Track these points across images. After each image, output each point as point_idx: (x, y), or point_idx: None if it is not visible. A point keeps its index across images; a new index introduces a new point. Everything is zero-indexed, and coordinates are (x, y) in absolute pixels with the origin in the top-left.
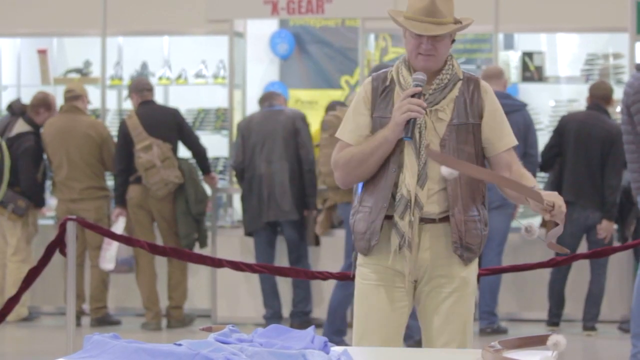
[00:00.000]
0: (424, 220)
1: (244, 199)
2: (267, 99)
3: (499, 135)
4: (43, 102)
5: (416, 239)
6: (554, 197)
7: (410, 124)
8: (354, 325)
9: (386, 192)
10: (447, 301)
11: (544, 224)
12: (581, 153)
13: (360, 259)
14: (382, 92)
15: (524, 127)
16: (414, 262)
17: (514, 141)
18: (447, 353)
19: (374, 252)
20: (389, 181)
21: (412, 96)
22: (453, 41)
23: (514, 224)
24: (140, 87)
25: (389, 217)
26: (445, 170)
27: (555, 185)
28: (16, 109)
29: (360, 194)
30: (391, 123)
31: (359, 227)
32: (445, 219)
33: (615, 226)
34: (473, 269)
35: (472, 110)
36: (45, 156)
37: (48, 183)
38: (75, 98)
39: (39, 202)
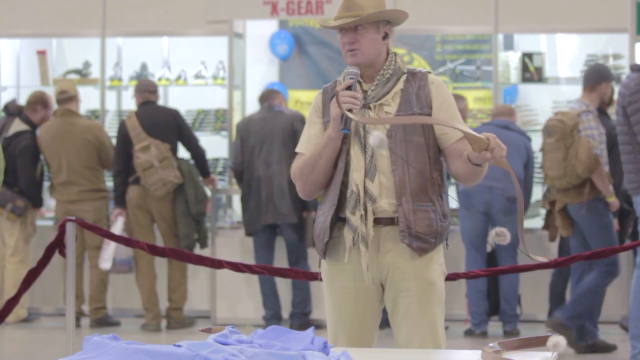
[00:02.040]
0: (382, 221)
1: (243, 200)
2: (266, 97)
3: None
4: (40, 100)
5: (372, 233)
6: (488, 134)
7: (345, 116)
8: (327, 329)
9: (335, 190)
10: (414, 305)
11: (546, 226)
12: None
13: (324, 263)
14: (331, 99)
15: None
16: (376, 265)
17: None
18: (448, 354)
19: (330, 253)
20: (337, 180)
21: (347, 89)
22: (386, 36)
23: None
24: (143, 88)
25: (344, 219)
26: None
27: None
28: (12, 109)
29: (320, 202)
30: (331, 120)
31: (316, 230)
32: None
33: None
34: (438, 269)
35: (419, 101)
36: (42, 157)
37: (46, 185)
38: (68, 100)
39: (37, 202)
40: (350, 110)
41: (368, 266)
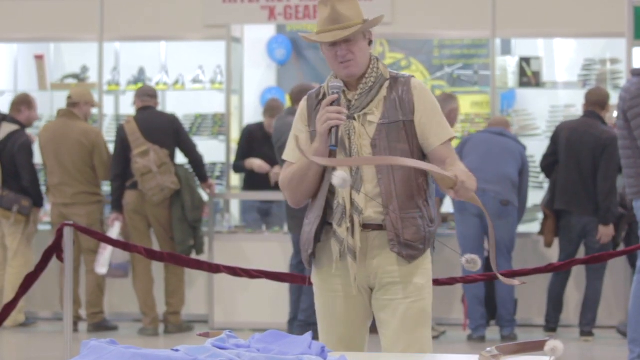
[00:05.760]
0: (369, 227)
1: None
2: (297, 99)
3: (433, 130)
4: (24, 100)
5: (359, 245)
6: (459, 172)
7: (332, 133)
8: (319, 334)
9: (321, 202)
10: (401, 308)
11: (542, 232)
12: (572, 161)
13: (314, 270)
14: (316, 106)
15: (520, 160)
16: (363, 269)
17: (448, 134)
18: (446, 359)
19: (318, 260)
20: (323, 191)
21: (331, 105)
22: (370, 42)
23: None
24: (142, 93)
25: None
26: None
27: (551, 193)
28: None
29: (307, 210)
30: (317, 135)
31: (302, 240)
32: None
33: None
34: (426, 272)
35: (403, 107)
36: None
37: (44, 189)
38: (72, 105)
39: (39, 200)
40: (336, 127)
41: (356, 272)
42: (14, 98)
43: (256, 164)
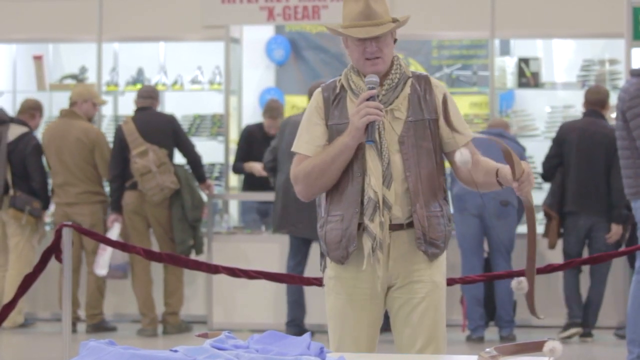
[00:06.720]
0: (392, 227)
1: (276, 202)
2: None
3: (459, 129)
4: (38, 107)
5: (388, 240)
6: (523, 163)
7: (370, 128)
8: (329, 335)
9: (355, 197)
10: (420, 307)
11: (545, 234)
12: (584, 161)
13: (332, 269)
14: (334, 100)
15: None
16: (386, 269)
17: (471, 134)
18: (445, 359)
19: (350, 259)
20: (355, 186)
21: (368, 99)
22: (395, 40)
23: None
24: (141, 93)
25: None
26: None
27: (557, 195)
28: (4, 118)
29: (325, 205)
30: (350, 128)
31: (332, 236)
32: (412, 224)
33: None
34: (443, 271)
35: (427, 106)
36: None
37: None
38: (71, 104)
39: (47, 203)
40: (373, 122)
41: (383, 268)
42: (26, 102)
43: (256, 168)
